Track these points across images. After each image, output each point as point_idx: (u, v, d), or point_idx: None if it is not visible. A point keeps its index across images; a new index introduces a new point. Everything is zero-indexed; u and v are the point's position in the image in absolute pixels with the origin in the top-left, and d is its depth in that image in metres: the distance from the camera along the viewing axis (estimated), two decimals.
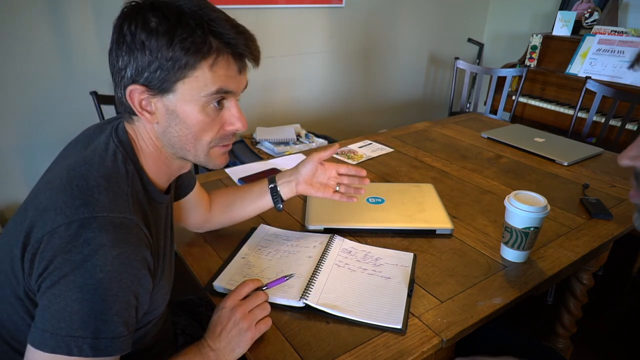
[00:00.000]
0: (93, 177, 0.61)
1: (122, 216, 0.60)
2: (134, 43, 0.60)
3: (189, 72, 0.62)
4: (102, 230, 0.57)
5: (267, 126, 2.46)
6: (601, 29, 2.55)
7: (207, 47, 0.61)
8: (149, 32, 0.60)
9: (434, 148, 1.63)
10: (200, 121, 0.66)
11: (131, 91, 0.63)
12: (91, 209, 0.58)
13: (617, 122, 2.23)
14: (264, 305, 0.77)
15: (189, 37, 0.60)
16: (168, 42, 0.60)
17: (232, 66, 0.65)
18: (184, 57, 0.61)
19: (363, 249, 0.99)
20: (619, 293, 2.02)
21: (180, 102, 0.64)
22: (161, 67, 0.61)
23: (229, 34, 0.63)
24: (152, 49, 0.60)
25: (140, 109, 0.64)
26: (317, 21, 2.65)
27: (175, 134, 0.67)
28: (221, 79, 0.64)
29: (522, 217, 0.92)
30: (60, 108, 2.04)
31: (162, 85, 0.62)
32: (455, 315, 0.82)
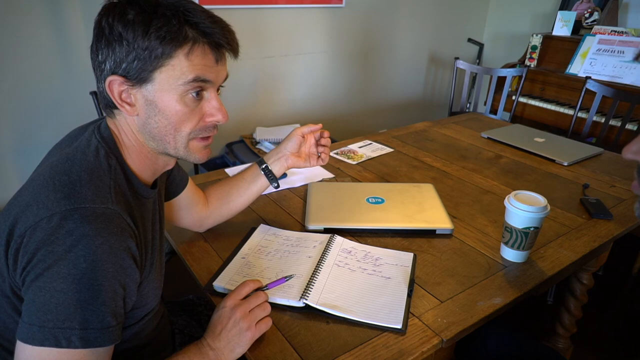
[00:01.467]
0: (75, 171, 0.62)
1: (104, 206, 0.60)
2: (112, 35, 0.61)
3: (165, 60, 0.62)
4: (84, 220, 0.57)
5: (267, 126, 2.46)
6: (601, 29, 2.55)
7: (182, 35, 0.62)
8: (125, 23, 0.61)
9: (434, 148, 1.63)
10: (179, 111, 0.66)
11: (110, 82, 0.64)
12: (73, 200, 0.58)
13: (617, 122, 2.23)
14: (264, 305, 0.77)
15: (164, 26, 0.61)
16: (144, 32, 0.61)
17: (208, 55, 0.65)
18: (159, 46, 0.62)
19: (363, 249, 0.99)
20: (619, 293, 2.02)
21: (159, 92, 0.64)
22: (138, 57, 0.62)
23: (204, 23, 0.64)
24: (129, 40, 0.61)
25: (120, 100, 0.65)
26: (317, 21, 2.65)
27: (155, 125, 0.67)
28: (198, 68, 0.64)
29: (522, 217, 0.92)
30: (60, 108, 2.04)
31: (140, 75, 0.63)
32: (455, 315, 0.82)
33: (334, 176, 1.38)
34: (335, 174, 1.40)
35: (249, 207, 1.17)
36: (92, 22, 0.65)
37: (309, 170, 1.41)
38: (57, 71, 1.98)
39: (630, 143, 0.56)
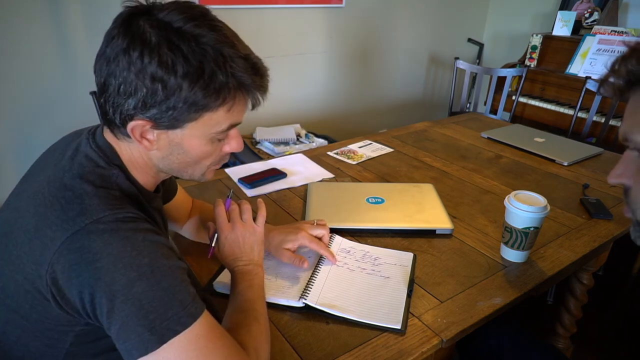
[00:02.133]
0: (78, 185, 0.60)
1: (124, 211, 0.59)
2: (144, 75, 0.57)
3: (204, 113, 0.61)
4: (113, 227, 0.56)
5: (267, 126, 2.46)
6: (601, 29, 2.55)
7: (226, 90, 0.60)
8: (166, 70, 0.56)
9: (434, 148, 1.63)
10: (206, 151, 0.67)
11: (134, 127, 0.61)
12: (89, 214, 0.57)
13: (617, 122, 2.23)
14: (244, 208, 0.85)
15: (211, 83, 0.58)
16: (190, 85, 0.57)
17: (246, 104, 0.66)
18: (202, 101, 0.59)
19: (362, 249, 0.99)
20: (619, 293, 2.02)
21: (188, 137, 0.64)
22: (175, 107, 0.59)
23: (246, 76, 0.61)
24: (169, 89, 0.57)
25: (139, 138, 0.62)
26: (317, 21, 2.65)
27: (176, 161, 0.67)
28: (234, 117, 0.65)
29: (522, 217, 0.92)
30: (60, 108, 2.04)
31: (171, 123, 0.61)
32: (455, 315, 0.81)
33: (334, 176, 1.38)
34: (335, 174, 1.39)
35: None
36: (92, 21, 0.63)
37: (308, 170, 1.41)
38: (56, 71, 1.98)
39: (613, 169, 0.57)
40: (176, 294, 0.57)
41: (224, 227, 0.82)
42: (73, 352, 0.63)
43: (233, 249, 0.80)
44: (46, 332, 0.61)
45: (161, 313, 0.55)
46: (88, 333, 0.61)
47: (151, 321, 0.54)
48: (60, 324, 0.60)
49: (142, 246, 0.57)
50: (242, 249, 0.80)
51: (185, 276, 0.61)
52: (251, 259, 0.80)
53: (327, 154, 1.56)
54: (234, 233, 0.81)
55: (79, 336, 0.62)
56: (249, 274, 0.78)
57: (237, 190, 1.28)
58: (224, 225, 0.82)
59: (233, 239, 0.81)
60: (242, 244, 0.81)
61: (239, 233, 0.81)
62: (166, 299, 0.56)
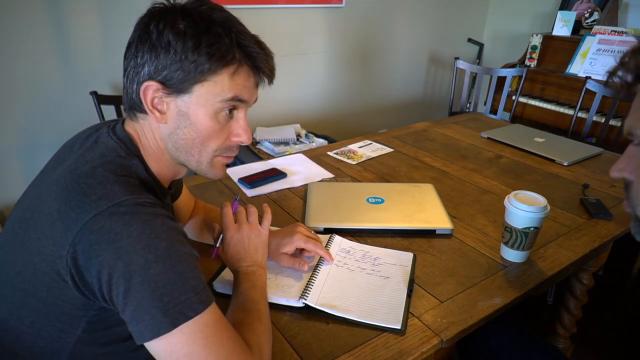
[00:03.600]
0: (99, 173, 0.61)
1: (144, 196, 0.61)
2: (160, 41, 0.62)
3: (209, 76, 0.64)
4: (134, 210, 0.58)
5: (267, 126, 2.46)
6: (601, 29, 2.55)
7: (231, 55, 0.64)
8: (176, 33, 0.61)
9: (434, 148, 1.63)
10: (210, 127, 0.67)
11: (146, 87, 0.63)
12: (110, 198, 0.58)
13: (617, 122, 2.23)
14: (250, 210, 0.86)
15: (215, 44, 0.62)
16: (195, 46, 0.61)
17: (250, 78, 0.67)
18: (207, 62, 0.62)
19: (362, 249, 0.99)
20: (619, 293, 2.02)
21: (194, 105, 0.65)
22: (183, 68, 0.62)
23: (253, 47, 0.66)
24: (177, 50, 0.61)
25: (151, 106, 0.65)
26: (317, 21, 2.65)
27: (183, 136, 0.67)
28: (238, 88, 0.66)
29: (522, 217, 0.92)
30: (60, 108, 2.03)
31: (180, 85, 0.63)
32: (455, 315, 0.81)
33: (334, 176, 1.38)
34: (335, 174, 1.39)
35: None
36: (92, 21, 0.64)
37: (308, 170, 1.41)
38: (57, 71, 1.98)
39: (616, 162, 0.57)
40: (190, 279, 0.58)
41: (230, 227, 0.83)
42: (84, 340, 0.64)
43: (238, 249, 0.81)
44: (61, 316, 0.62)
45: (175, 297, 0.56)
46: (100, 320, 0.63)
47: (165, 304, 0.55)
48: (75, 308, 0.61)
49: (161, 230, 0.58)
50: (246, 250, 0.81)
51: (198, 264, 0.62)
52: (255, 260, 0.81)
53: (327, 154, 1.56)
54: (240, 234, 0.82)
55: (91, 322, 0.63)
56: (253, 274, 0.79)
57: (237, 190, 1.28)
58: (230, 225, 0.83)
59: (238, 240, 0.82)
60: (247, 245, 0.81)
61: (244, 234, 0.82)
62: (180, 283, 0.57)
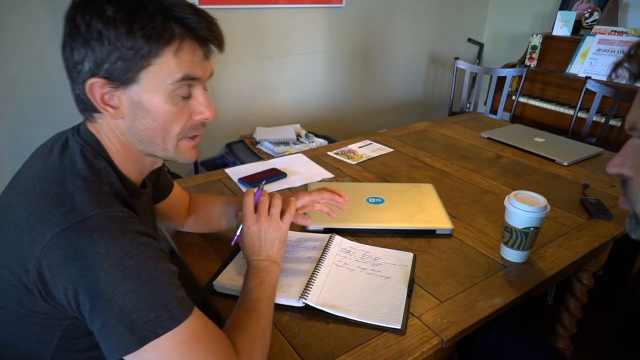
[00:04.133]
0: (68, 180, 0.60)
1: (114, 209, 0.59)
2: (90, 33, 0.57)
3: (152, 59, 0.59)
4: (103, 225, 0.56)
5: (267, 126, 2.46)
6: (601, 29, 2.55)
7: (169, 32, 0.59)
8: (105, 21, 0.57)
9: (434, 148, 1.63)
10: (168, 111, 0.63)
11: (91, 85, 0.60)
12: (80, 211, 0.56)
13: (617, 122, 2.23)
14: (274, 202, 0.83)
15: (149, 24, 0.58)
16: (128, 30, 0.57)
17: (197, 52, 0.63)
18: (145, 45, 0.58)
19: (362, 249, 0.99)
20: (619, 293, 2.02)
21: (146, 93, 0.61)
22: (122, 57, 0.58)
23: (190, 18, 0.61)
24: (111, 39, 0.57)
25: (102, 104, 0.62)
26: (317, 21, 2.65)
27: (143, 127, 0.64)
28: (186, 65, 0.62)
29: (522, 217, 0.92)
30: (60, 108, 2.03)
31: (125, 75, 0.60)
32: (455, 315, 0.81)
33: (334, 176, 1.38)
34: (335, 174, 1.39)
35: None
36: None
37: (308, 170, 1.41)
38: (55, 71, 1.98)
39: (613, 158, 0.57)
40: (161, 297, 0.56)
41: (249, 217, 0.81)
42: (62, 348, 0.63)
43: (254, 241, 0.80)
44: (34, 326, 0.61)
45: (144, 314, 0.55)
46: (77, 327, 0.61)
47: (133, 322, 0.54)
48: (48, 318, 0.60)
49: (130, 247, 0.56)
50: (262, 243, 0.80)
51: (174, 279, 0.60)
52: (269, 255, 0.80)
53: (327, 154, 1.56)
54: (257, 225, 0.80)
55: (68, 331, 0.62)
56: (263, 270, 0.78)
57: (237, 190, 1.27)
58: (249, 215, 0.81)
59: (255, 231, 0.80)
60: (263, 238, 0.80)
61: (262, 226, 0.80)
62: (150, 301, 0.55)
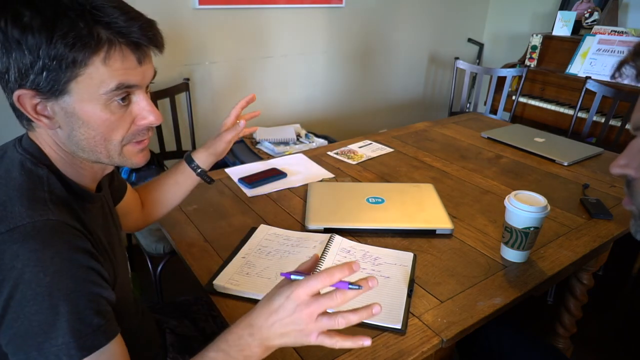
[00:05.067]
0: (2, 192, 0.57)
1: (44, 219, 0.55)
2: (8, 42, 0.53)
3: (80, 70, 0.55)
4: (27, 237, 0.53)
5: (267, 126, 2.46)
6: (601, 29, 2.55)
7: (94, 39, 0.54)
8: (22, 28, 0.52)
9: (434, 148, 1.63)
10: (106, 120, 0.59)
11: (19, 97, 0.56)
12: (7, 222, 0.54)
13: (617, 122, 2.23)
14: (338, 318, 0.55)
15: (70, 31, 0.53)
16: (47, 39, 0.52)
17: (129, 57, 0.57)
18: (69, 54, 0.53)
19: (362, 249, 0.99)
20: (619, 293, 2.02)
21: (79, 103, 0.57)
22: (46, 67, 0.54)
23: (118, 22, 0.55)
24: (31, 48, 0.53)
25: (35, 114, 0.58)
26: (317, 21, 2.65)
27: (82, 137, 0.60)
28: (119, 73, 0.57)
29: (522, 217, 0.92)
30: None
31: (53, 87, 0.55)
32: (455, 315, 0.81)
33: (334, 176, 1.38)
34: (335, 174, 1.39)
35: (249, 207, 1.18)
36: None
37: (308, 170, 1.41)
38: None
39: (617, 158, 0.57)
40: (72, 322, 0.52)
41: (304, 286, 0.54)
42: None
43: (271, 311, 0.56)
44: None
45: (50, 337, 0.51)
46: None
47: (39, 343, 0.51)
48: None
49: (49, 263, 0.52)
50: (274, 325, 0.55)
51: (95, 304, 0.55)
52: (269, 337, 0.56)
53: (327, 154, 1.56)
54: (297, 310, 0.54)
55: None
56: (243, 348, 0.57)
57: (237, 190, 1.27)
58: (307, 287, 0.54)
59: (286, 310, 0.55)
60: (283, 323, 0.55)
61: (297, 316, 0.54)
62: (59, 324, 0.52)
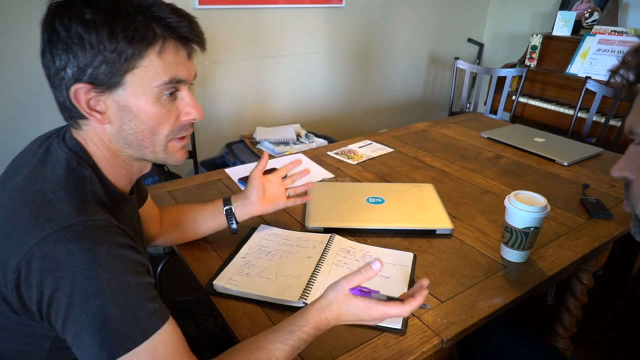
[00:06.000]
0: (49, 189, 0.58)
1: (93, 218, 0.57)
2: (71, 38, 0.56)
3: (136, 62, 0.59)
4: (80, 236, 0.55)
5: (267, 126, 2.46)
6: (601, 29, 2.55)
7: (151, 33, 0.59)
8: (85, 25, 0.56)
9: (434, 148, 1.63)
10: (156, 113, 0.63)
11: (76, 91, 0.59)
12: (57, 221, 0.55)
13: (617, 122, 2.23)
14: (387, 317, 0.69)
15: (130, 25, 0.57)
16: (109, 33, 0.56)
17: (180, 52, 0.63)
18: (129, 47, 0.58)
19: (362, 249, 0.99)
20: (619, 293, 2.02)
21: (132, 96, 0.61)
22: (106, 60, 0.58)
23: (171, 18, 0.60)
24: (93, 43, 0.56)
25: (88, 109, 0.61)
26: (317, 21, 2.65)
27: (131, 131, 0.64)
28: (171, 67, 0.62)
29: (522, 217, 0.92)
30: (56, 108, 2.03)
31: (110, 79, 0.59)
32: (455, 315, 0.82)
33: (334, 176, 1.38)
34: (335, 174, 1.39)
35: None
36: None
37: None
38: None
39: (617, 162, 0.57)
40: (132, 312, 0.56)
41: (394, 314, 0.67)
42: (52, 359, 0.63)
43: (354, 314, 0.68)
44: (22, 338, 0.60)
45: (114, 329, 0.54)
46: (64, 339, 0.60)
47: (103, 337, 0.54)
48: (35, 330, 0.59)
49: (105, 260, 0.55)
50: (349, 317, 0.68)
51: (148, 292, 0.59)
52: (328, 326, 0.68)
53: (327, 154, 1.56)
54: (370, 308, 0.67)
55: (56, 341, 0.61)
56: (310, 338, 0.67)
57: (237, 190, 1.27)
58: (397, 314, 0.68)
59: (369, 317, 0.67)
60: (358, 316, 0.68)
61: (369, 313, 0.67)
62: (120, 315, 0.55)
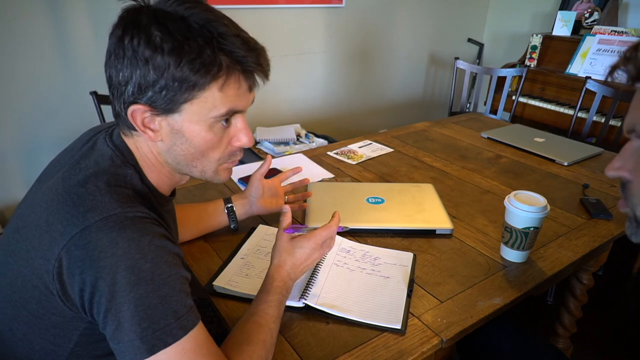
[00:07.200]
0: (91, 182, 0.59)
1: (135, 210, 0.59)
2: (136, 58, 0.57)
3: (197, 93, 0.60)
4: (122, 226, 0.56)
5: (267, 126, 2.46)
6: (601, 29, 2.55)
7: (217, 67, 0.59)
8: (154, 49, 0.57)
9: (434, 148, 1.63)
10: (208, 140, 0.64)
11: (134, 111, 0.61)
12: (99, 211, 0.56)
13: (617, 122, 2.23)
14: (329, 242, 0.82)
15: (198, 58, 0.57)
16: (176, 62, 0.57)
17: (242, 85, 0.63)
18: (192, 78, 0.58)
19: (362, 249, 0.99)
20: (619, 293, 2.02)
21: (187, 122, 0.62)
22: (167, 87, 0.58)
23: (239, 51, 0.60)
24: (157, 67, 0.57)
25: (142, 127, 0.62)
26: (317, 21, 2.65)
27: (182, 152, 0.65)
28: (231, 100, 0.62)
29: (522, 217, 0.92)
30: (60, 108, 2.03)
31: (168, 105, 0.60)
32: (455, 315, 0.81)
33: (334, 176, 1.38)
34: (335, 174, 1.39)
35: None
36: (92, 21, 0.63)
37: (308, 170, 1.41)
38: (57, 71, 1.98)
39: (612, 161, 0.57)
40: (172, 304, 0.56)
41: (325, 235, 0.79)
42: (77, 353, 0.63)
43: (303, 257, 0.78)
44: (52, 329, 0.61)
45: (154, 322, 0.55)
46: (92, 333, 0.61)
47: (144, 329, 0.54)
48: (66, 320, 0.60)
49: (147, 250, 0.56)
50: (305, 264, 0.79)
51: (186, 286, 0.60)
52: (297, 278, 0.79)
53: (327, 154, 1.56)
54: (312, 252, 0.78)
55: (84, 335, 0.62)
56: (287, 290, 0.76)
57: (237, 190, 1.27)
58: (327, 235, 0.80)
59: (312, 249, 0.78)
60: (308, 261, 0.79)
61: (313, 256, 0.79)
62: (161, 307, 0.55)
